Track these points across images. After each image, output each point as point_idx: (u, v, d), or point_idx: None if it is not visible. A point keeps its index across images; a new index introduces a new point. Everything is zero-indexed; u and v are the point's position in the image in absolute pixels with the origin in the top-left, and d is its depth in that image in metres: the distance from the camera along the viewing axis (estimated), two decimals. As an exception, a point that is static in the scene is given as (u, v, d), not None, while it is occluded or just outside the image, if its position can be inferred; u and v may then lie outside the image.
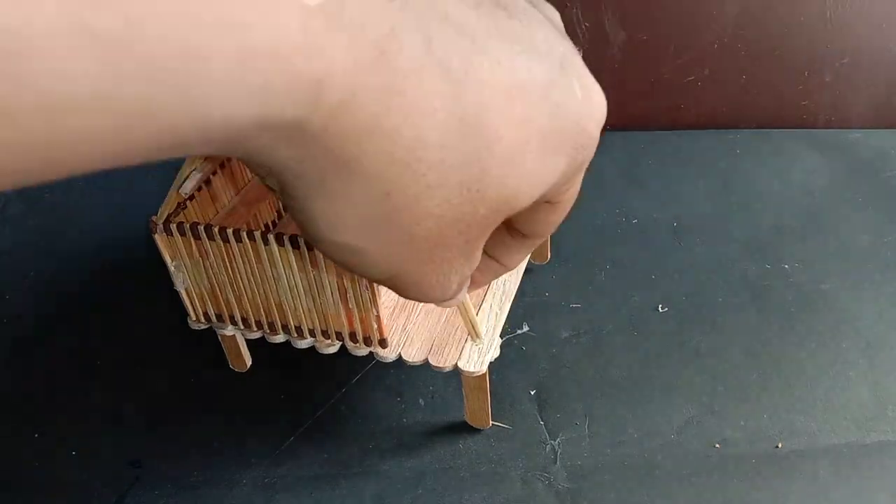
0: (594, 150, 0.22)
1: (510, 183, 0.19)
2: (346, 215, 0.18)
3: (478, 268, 0.26)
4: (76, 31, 0.12)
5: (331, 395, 0.38)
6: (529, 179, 0.20)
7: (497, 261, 0.27)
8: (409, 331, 0.34)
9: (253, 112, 0.15)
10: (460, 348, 0.33)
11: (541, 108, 0.19)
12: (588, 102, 0.21)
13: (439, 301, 0.23)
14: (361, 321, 0.32)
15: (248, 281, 0.32)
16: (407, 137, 0.17)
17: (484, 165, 0.18)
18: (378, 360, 0.34)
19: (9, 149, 0.12)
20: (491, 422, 0.36)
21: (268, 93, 0.14)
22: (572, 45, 0.21)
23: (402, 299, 0.34)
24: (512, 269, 0.27)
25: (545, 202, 0.23)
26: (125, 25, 0.12)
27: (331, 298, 0.31)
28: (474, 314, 0.32)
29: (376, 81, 0.16)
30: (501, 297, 0.36)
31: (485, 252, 0.26)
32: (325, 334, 0.33)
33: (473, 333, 0.33)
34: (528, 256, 0.40)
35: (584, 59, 0.24)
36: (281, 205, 0.40)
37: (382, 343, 0.33)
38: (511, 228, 0.25)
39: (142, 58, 0.12)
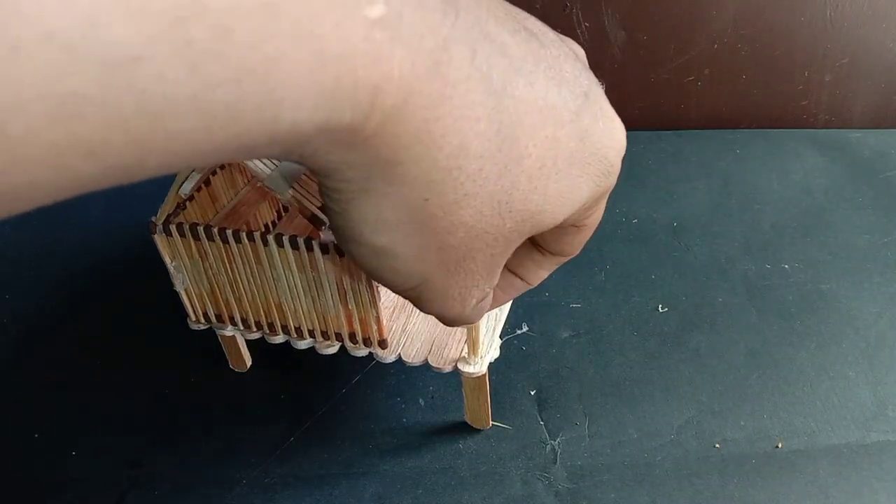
0: (616, 178, 0.23)
1: (535, 199, 0.20)
2: (386, 218, 0.19)
3: (500, 285, 0.27)
4: (176, 42, 0.13)
5: (331, 395, 0.38)
6: (554, 199, 0.21)
7: (521, 278, 0.28)
8: (408, 331, 0.34)
9: (317, 116, 0.15)
10: (460, 349, 0.33)
11: (569, 132, 0.20)
12: (610, 132, 0.22)
13: (457, 317, 0.24)
14: (361, 322, 0.32)
15: (248, 282, 0.32)
16: (452, 144, 0.18)
17: (513, 179, 0.20)
18: (378, 361, 0.34)
19: (109, 147, 0.13)
20: (491, 422, 0.36)
21: (332, 98, 0.15)
22: (595, 77, 0.22)
23: (402, 300, 0.34)
24: (534, 286, 0.28)
25: (571, 225, 0.24)
26: (217, 35, 0.13)
27: (330, 299, 0.31)
28: (480, 334, 0.32)
29: (429, 89, 0.17)
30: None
31: (509, 270, 0.27)
32: (325, 335, 0.33)
33: (472, 350, 0.33)
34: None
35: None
36: (281, 205, 0.40)
37: (382, 344, 0.33)
38: (538, 246, 0.26)
39: (230, 65, 0.14)
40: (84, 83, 0.12)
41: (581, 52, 0.24)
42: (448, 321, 0.25)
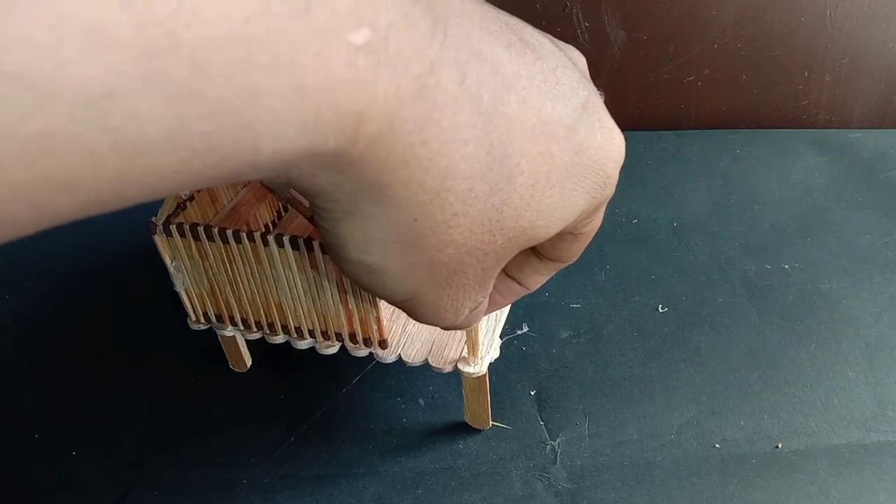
0: (613, 189, 0.23)
1: (527, 215, 0.20)
2: (375, 237, 0.19)
3: (499, 290, 0.27)
4: (149, 77, 0.12)
5: (331, 395, 0.38)
6: (547, 214, 0.21)
7: (519, 283, 0.28)
8: (409, 332, 0.34)
9: (299, 144, 0.15)
10: (460, 349, 0.33)
11: (563, 147, 0.20)
12: (608, 144, 0.22)
13: (450, 326, 0.24)
14: (361, 322, 0.32)
15: (248, 282, 0.32)
16: (439, 167, 0.18)
17: (504, 197, 0.19)
18: (378, 361, 0.34)
19: (86, 183, 0.13)
20: (491, 422, 0.36)
21: (314, 126, 0.15)
22: (594, 87, 0.22)
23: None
24: (532, 290, 0.28)
25: (568, 233, 0.24)
26: (192, 69, 0.13)
27: (331, 299, 0.31)
28: (480, 337, 0.32)
29: (415, 114, 0.16)
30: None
31: (508, 275, 0.27)
32: (325, 335, 0.33)
33: (472, 351, 0.33)
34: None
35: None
36: (281, 205, 0.40)
37: (382, 344, 0.33)
38: (537, 252, 0.26)
39: (206, 99, 0.13)
40: (54, 122, 0.12)
41: (581, 61, 0.24)
42: (442, 328, 0.25)
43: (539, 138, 0.19)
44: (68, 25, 0.11)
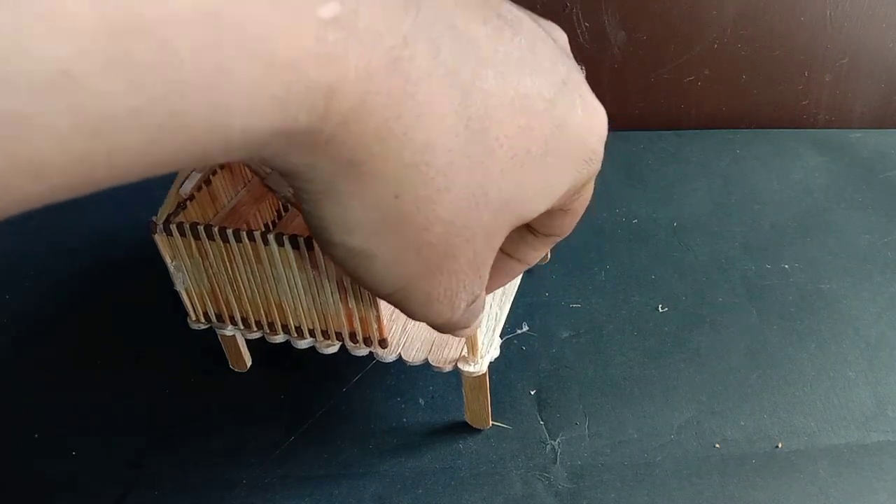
0: (600, 164, 0.23)
1: (508, 188, 0.20)
2: (357, 218, 0.19)
3: (499, 269, 0.27)
4: (112, 57, 0.12)
5: (331, 395, 0.38)
6: (530, 188, 0.21)
7: (518, 259, 0.28)
8: (409, 331, 0.34)
9: (270, 121, 0.15)
10: (460, 349, 0.33)
11: (543, 120, 0.20)
12: (589, 119, 0.22)
13: (447, 322, 0.23)
14: (361, 321, 0.32)
15: (248, 281, 0.32)
16: (417, 141, 0.17)
17: (486, 170, 0.19)
18: (378, 361, 0.34)
19: (52, 165, 0.13)
20: (491, 422, 0.36)
21: (284, 103, 0.15)
22: (575, 64, 0.22)
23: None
24: (530, 265, 0.28)
25: (558, 210, 0.24)
26: (155, 47, 0.13)
27: (331, 298, 0.31)
28: (480, 336, 0.32)
29: (388, 88, 0.16)
30: (501, 298, 0.36)
31: (504, 252, 0.27)
32: (325, 334, 0.33)
33: (471, 350, 0.33)
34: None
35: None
36: (281, 205, 0.40)
37: (382, 343, 0.33)
38: (530, 228, 0.26)
39: (172, 77, 0.13)
40: (15, 104, 0.12)
41: (561, 37, 0.24)
42: (439, 327, 0.24)
43: (518, 112, 0.19)
44: (25, 5, 0.11)
